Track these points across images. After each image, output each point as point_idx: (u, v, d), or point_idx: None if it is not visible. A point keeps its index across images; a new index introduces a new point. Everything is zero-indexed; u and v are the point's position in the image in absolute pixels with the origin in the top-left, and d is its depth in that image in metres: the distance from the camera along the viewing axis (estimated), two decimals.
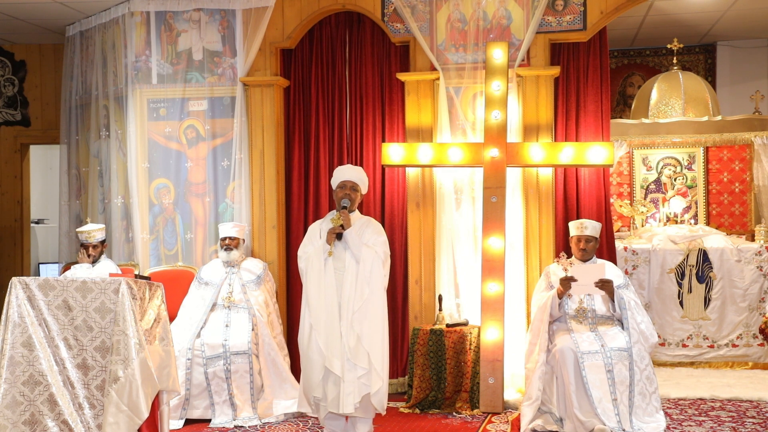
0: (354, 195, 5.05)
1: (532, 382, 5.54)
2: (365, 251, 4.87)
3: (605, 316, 5.65)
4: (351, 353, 4.78)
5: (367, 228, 5.02)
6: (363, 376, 4.80)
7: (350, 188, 5.06)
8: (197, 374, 5.87)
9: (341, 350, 4.80)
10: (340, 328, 4.83)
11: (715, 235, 7.78)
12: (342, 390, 4.77)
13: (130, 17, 7.10)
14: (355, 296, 4.82)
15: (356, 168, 5.19)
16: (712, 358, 7.57)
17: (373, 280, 4.86)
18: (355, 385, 4.78)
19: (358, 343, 4.79)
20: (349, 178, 5.08)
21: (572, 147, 6.37)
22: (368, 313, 4.83)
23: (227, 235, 6.39)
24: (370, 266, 4.86)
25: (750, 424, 5.58)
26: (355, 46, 7.09)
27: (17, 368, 4.47)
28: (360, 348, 4.79)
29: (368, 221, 5.10)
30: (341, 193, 5.05)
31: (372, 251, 4.89)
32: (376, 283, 4.87)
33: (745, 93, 9.08)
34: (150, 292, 4.69)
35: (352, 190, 5.06)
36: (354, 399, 4.77)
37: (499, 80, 6.38)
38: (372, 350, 4.79)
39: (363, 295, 4.82)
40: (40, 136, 8.79)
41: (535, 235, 6.60)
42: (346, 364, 4.78)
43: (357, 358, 4.78)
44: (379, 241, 4.97)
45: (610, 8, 6.60)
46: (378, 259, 4.89)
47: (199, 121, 7.08)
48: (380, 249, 4.93)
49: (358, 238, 4.90)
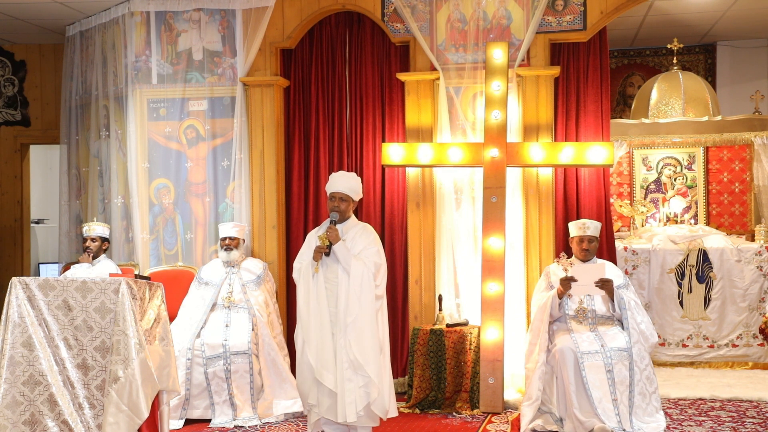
0: (343, 206, 4.99)
1: (532, 382, 5.54)
2: (354, 264, 4.84)
3: (605, 316, 5.65)
4: (351, 364, 4.78)
5: (360, 237, 4.97)
6: (364, 386, 4.79)
7: (339, 199, 4.99)
8: (197, 374, 5.87)
9: (334, 363, 4.80)
10: (333, 342, 4.83)
11: (715, 235, 7.78)
12: (342, 399, 4.76)
13: (130, 17, 7.10)
14: (346, 311, 4.81)
15: (347, 176, 5.11)
16: (712, 358, 7.57)
17: (363, 293, 4.83)
18: (356, 394, 4.77)
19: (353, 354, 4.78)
20: (336, 189, 5.00)
21: (572, 147, 6.37)
22: (360, 326, 4.80)
23: (227, 235, 6.39)
24: (360, 280, 4.83)
25: (750, 424, 5.58)
26: (355, 46, 7.09)
27: (17, 368, 4.47)
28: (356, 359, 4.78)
29: (363, 229, 5.04)
30: (331, 205, 5.01)
31: (361, 264, 4.85)
32: (366, 296, 4.83)
33: (745, 93, 9.08)
34: (150, 292, 4.69)
35: (340, 200, 4.99)
36: (356, 408, 4.77)
37: (499, 80, 6.38)
38: (366, 362, 4.78)
39: (353, 310, 4.80)
40: (40, 136, 8.79)
41: (535, 235, 6.60)
42: (346, 373, 4.77)
43: (357, 368, 4.78)
44: (370, 251, 4.92)
45: (610, 8, 6.60)
46: (368, 272, 4.84)
47: (199, 121, 7.08)
48: (370, 260, 4.88)
49: (347, 252, 4.86)
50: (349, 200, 5.03)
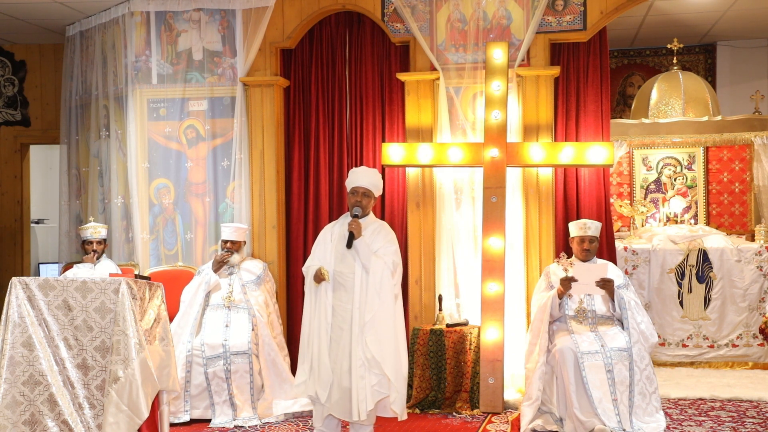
0: (366, 201, 4.93)
1: (532, 382, 5.54)
2: (375, 261, 4.78)
3: (605, 316, 5.65)
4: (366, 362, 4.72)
5: (379, 235, 4.92)
6: (377, 384, 4.74)
7: (362, 194, 4.93)
8: (197, 374, 5.87)
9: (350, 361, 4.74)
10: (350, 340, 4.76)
11: (715, 235, 7.78)
12: (355, 397, 4.70)
13: (130, 17, 7.10)
14: (366, 307, 4.75)
15: (370, 171, 5.04)
16: (712, 358, 7.57)
17: (383, 290, 4.78)
18: (368, 392, 4.71)
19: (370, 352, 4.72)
20: (360, 183, 4.94)
21: (572, 147, 6.37)
22: (379, 323, 4.75)
23: (228, 239, 6.36)
24: (380, 277, 4.77)
25: (750, 424, 5.58)
26: (355, 46, 7.09)
27: (17, 368, 4.47)
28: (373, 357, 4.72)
29: (380, 227, 4.99)
30: (353, 200, 4.94)
31: (381, 261, 4.80)
32: (386, 293, 4.79)
33: (745, 93, 9.08)
34: (150, 292, 4.69)
35: (364, 196, 4.93)
36: (367, 406, 4.71)
37: (499, 80, 6.38)
38: (384, 360, 4.71)
39: (373, 306, 4.74)
40: (40, 136, 8.80)
41: (535, 235, 6.60)
42: (360, 371, 4.71)
43: (371, 365, 4.72)
44: (390, 250, 4.87)
45: (610, 8, 6.60)
46: (387, 270, 4.79)
47: (199, 121, 7.08)
48: (389, 258, 4.83)
49: (368, 248, 4.81)
50: (371, 196, 4.97)
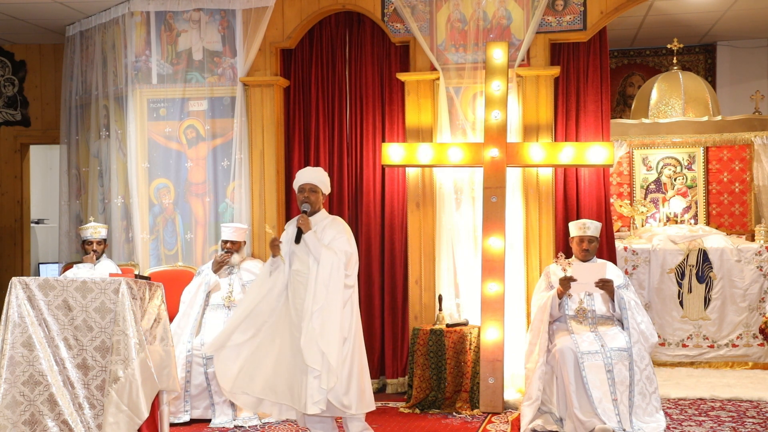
0: (314, 197, 5.03)
1: (532, 382, 5.54)
2: (324, 253, 4.83)
3: (605, 316, 5.65)
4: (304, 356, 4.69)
5: (330, 228, 4.99)
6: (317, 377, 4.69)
7: (309, 191, 5.03)
8: (197, 374, 5.87)
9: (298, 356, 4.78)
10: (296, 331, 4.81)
11: (715, 235, 7.78)
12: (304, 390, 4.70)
13: (130, 17, 7.10)
14: (314, 299, 4.78)
15: (315, 169, 5.15)
16: (712, 358, 7.57)
17: (332, 282, 4.81)
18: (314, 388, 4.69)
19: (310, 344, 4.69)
20: (306, 180, 5.05)
21: (572, 147, 6.37)
22: (325, 315, 4.75)
23: (228, 239, 6.36)
24: (329, 269, 4.81)
25: (750, 424, 5.58)
26: (355, 46, 7.09)
27: (17, 368, 4.47)
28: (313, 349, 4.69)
29: (332, 221, 5.06)
30: (301, 197, 5.05)
31: (332, 253, 4.84)
32: (334, 285, 4.81)
33: (745, 93, 9.08)
34: (150, 292, 4.70)
35: (311, 192, 5.03)
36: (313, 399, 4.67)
37: (499, 80, 6.38)
38: (329, 351, 4.68)
39: (320, 298, 4.77)
40: (40, 136, 8.79)
41: (535, 235, 6.60)
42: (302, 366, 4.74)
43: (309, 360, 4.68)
44: (340, 240, 4.92)
45: (610, 8, 6.60)
46: (338, 261, 4.83)
47: (199, 121, 7.08)
48: (340, 249, 4.87)
49: (317, 241, 4.87)
50: (318, 191, 5.05)
